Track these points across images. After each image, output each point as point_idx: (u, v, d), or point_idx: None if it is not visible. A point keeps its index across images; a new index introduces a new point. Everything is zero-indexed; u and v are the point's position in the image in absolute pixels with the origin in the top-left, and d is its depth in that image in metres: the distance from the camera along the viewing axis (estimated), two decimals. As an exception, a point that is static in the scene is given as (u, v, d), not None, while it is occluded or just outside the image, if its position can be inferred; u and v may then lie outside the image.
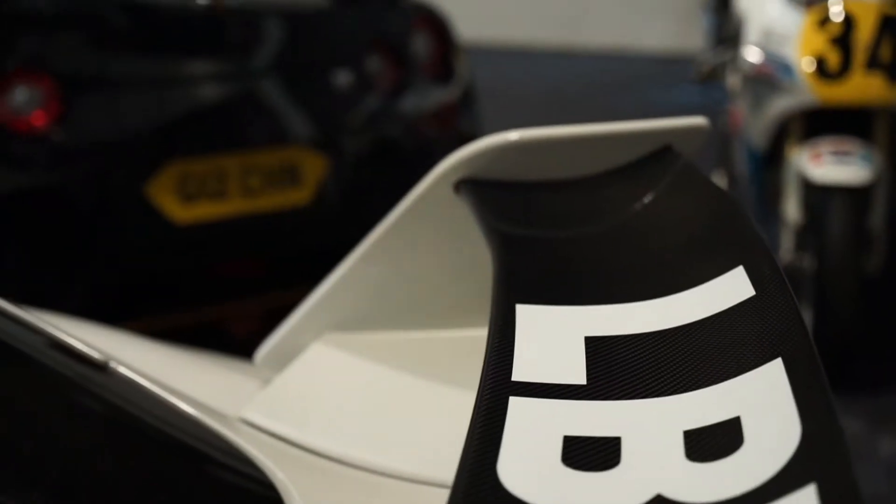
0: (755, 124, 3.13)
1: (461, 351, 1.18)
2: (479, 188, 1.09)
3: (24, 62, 2.72)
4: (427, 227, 1.16)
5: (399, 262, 1.17)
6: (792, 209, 3.01)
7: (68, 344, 1.03)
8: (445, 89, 3.46)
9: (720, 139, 4.32)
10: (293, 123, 3.08)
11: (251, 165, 3.01)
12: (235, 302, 3.07)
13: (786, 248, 3.04)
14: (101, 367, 1.04)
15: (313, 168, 3.11)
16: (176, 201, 2.90)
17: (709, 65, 3.65)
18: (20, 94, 2.71)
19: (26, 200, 2.77)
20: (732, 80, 4.18)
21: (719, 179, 4.28)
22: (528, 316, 0.82)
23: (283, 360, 1.24)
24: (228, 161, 2.97)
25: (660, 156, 1.08)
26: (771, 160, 3.19)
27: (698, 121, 1.08)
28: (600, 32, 7.69)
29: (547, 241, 1.03)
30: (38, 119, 2.73)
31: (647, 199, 1.05)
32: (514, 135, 1.08)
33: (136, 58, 2.94)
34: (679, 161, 1.07)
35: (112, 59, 2.89)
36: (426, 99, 3.39)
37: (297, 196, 3.09)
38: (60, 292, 2.82)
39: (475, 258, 1.12)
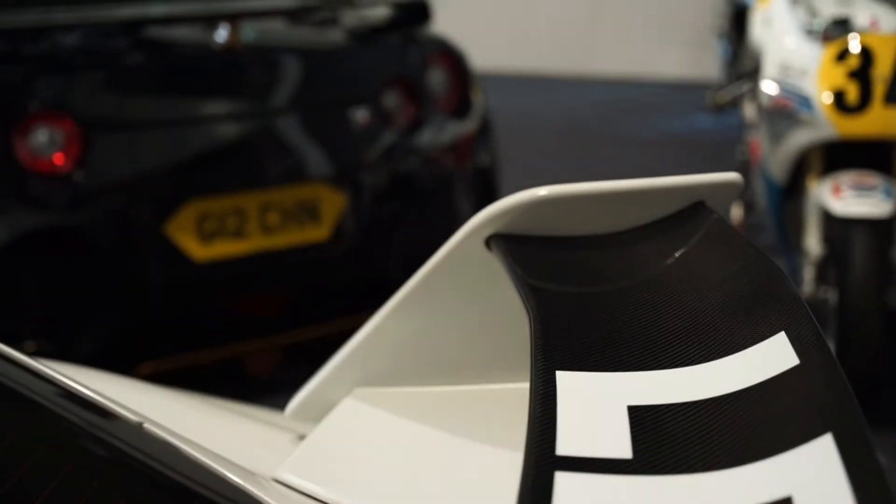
0: (774, 157, 3.12)
1: (495, 405, 1.17)
2: (510, 243, 1.09)
3: (45, 104, 2.73)
4: (458, 282, 1.15)
5: (430, 317, 1.17)
6: (813, 242, 3.00)
7: (104, 405, 1.03)
8: (462, 123, 3.46)
9: (737, 169, 4.31)
10: (311, 160, 3.09)
11: (270, 203, 3.01)
12: (255, 339, 3.06)
13: (807, 280, 3.03)
14: (135, 427, 1.04)
15: (331, 204, 3.11)
16: (195, 240, 2.90)
17: (727, 96, 3.65)
18: (42, 136, 2.73)
19: (48, 240, 2.78)
20: (749, 111, 4.18)
21: (737, 208, 4.27)
22: (569, 383, 0.81)
23: (314, 413, 1.23)
24: (247, 199, 2.98)
25: (692, 211, 1.08)
26: (790, 192, 3.19)
27: (731, 176, 1.07)
28: (614, 60, 7.70)
29: (581, 297, 1.02)
30: (59, 160, 2.75)
31: (679, 254, 1.04)
32: (544, 191, 1.08)
33: (155, 98, 2.96)
34: (711, 217, 1.07)
35: (131, 99, 2.90)
36: (443, 133, 3.40)
37: (316, 233, 3.09)
38: (82, 331, 2.83)
39: (507, 312, 1.11)
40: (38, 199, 2.73)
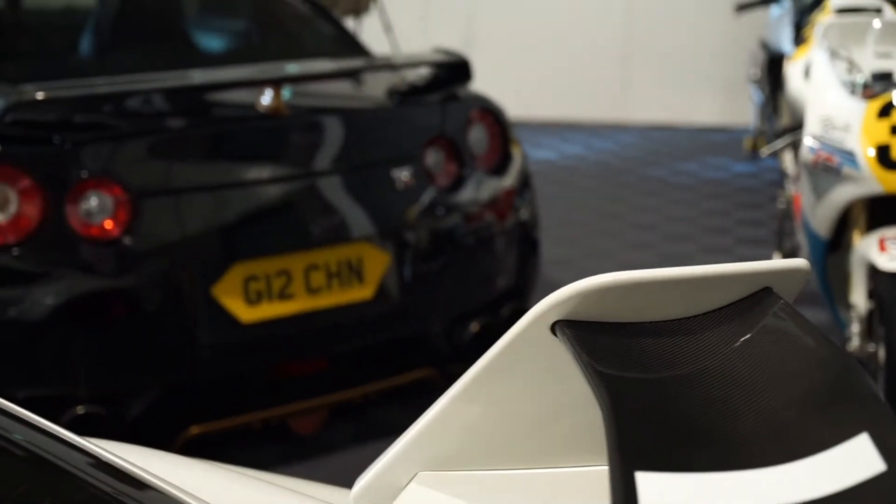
0: (817, 211, 3.12)
1: (563, 488, 1.17)
2: (576, 330, 1.10)
3: (94, 172, 2.78)
4: (524, 367, 1.16)
5: (497, 401, 1.17)
6: (858, 296, 2.98)
7: (176, 497, 1.04)
8: (502, 178, 3.48)
9: (777, 219, 4.31)
10: (355, 220, 3.11)
11: (314, 263, 3.04)
12: (300, 399, 3.08)
13: (853, 335, 3.01)
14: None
15: (375, 264, 3.13)
16: (241, 302, 2.93)
17: (767, 150, 3.65)
18: (92, 203, 2.77)
19: (98, 304, 2.81)
20: (789, 162, 4.17)
21: (776, 258, 4.26)
22: (649, 486, 0.82)
23: (379, 497, 1.24)
24: (292, 260, 3.00)
25: (759, 298, 1.08)
26: (834, 246, 3.18)
27: (799, 263, 1.08)
28: (647, 107, 7.71)
29: (650, 383, 1.03)
30: (109, 225, 2.79)
31: (747, 341, 1.05)
32: (609, 278, 1.09)
33: (201, 163, 3.00)
34: (779, 303, 1.07)
35: (178, 165, 2.95)
36: (484, 189, 3.42)
37: (360, 292, 3.11)
38: (131, 395, 2.85)
39: (574, 396, 1.12)
40: (88, 264, 2.77)
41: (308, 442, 3.16)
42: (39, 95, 2.73)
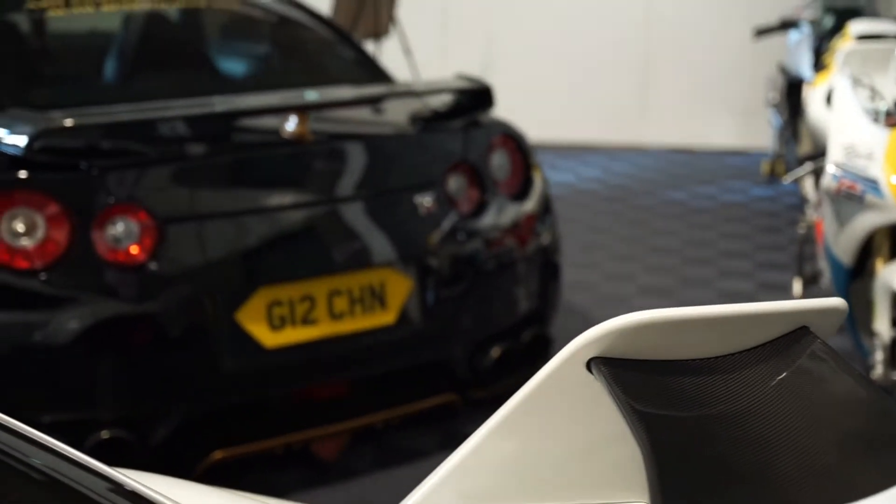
0: (840, 238, 3.12)
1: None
2: (612, 367, 1.10)
3: (121, 198, 2.80)
4: (559, 403, 1.16)
5: (531, 436, 1.18)
6: (882, 324, 2.98)
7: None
8: (524, 204, 3.50)
9: (797, 245, 4.30)
10: (378, 246, 3.13)
11: (338, 289, 3.05)
12: (322, 424, 3.08)
13: (878, 362, 3.00)
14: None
15: (398, 289, 3.14)
16: (265, 327, 2.94)
17: (789, 177, 3.65)
18: (118, 228, 2.79)
19: (123, 329, 2.83)
20: (809, 188, 4.17)
21: (797, 284, 4.26)
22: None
23: (413, 531, 1.24)
24: (316, 286, 3.01)
25: (796, 337, 1.08)
26: (857, 273, 3.17)
27: (835, 302, 1.08)
28: (665, 131, 7.72)
29: (688, 421, 1.03)
30: (135, 251, 2.81)
31: (784, 380, 1.05)
32: (645, 316, 1.10)
33: (226, 189, 3.02)
34: (816, 343, 1.07)
35: (202, 191, 2.97)
36: (505, 215, 3.43)
37: (383, 317, 3.12)
38: (156, 419, 2.86)
39: (609, 433, 1.12)
40: (114, 289, 2.79)
41: (330, 466, 3.16)
42: (67, 122, 2.75)
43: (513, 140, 3.52)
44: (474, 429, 3.51)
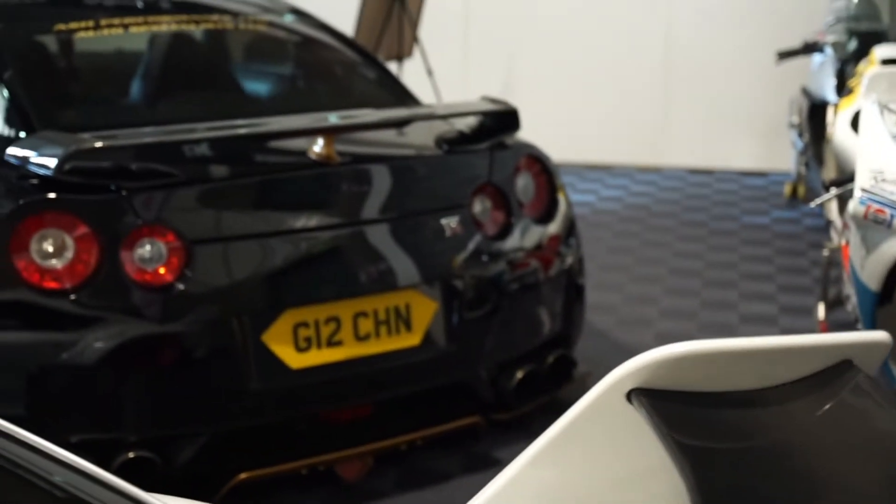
0: (867, 264, 3.10)
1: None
2: (653, 399, 1.10)
3: (149, 219, 2.82)
4: (599, 434, 1.16)
5: (570, 468, 1.18)
6: (910, 349, 2.96)
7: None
8: (549, 226, 3.50)
9: (822, 268, 4.29)
10: (403, 268, 3.13)
11: (363, 311, 3.06)
12: (347, 446, 3.08)
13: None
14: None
15: (423, 311, 3.15)
16: (291, 348, 2.95)
17: (814, 202, 3.65)
18: (146, 249, 2.81)
19: (150, 349, 2.84)
20: (834, 212, 4.16)
21: (820, 307, 4.24)
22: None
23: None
24: (341, 307, 3.02)
25: (839, 370, 1.08)
26: (884, 298, 3.16)
27: (879, 336, 1.08)
28: (685, 152, 7.71)
29: (731, 454, 1.03)
30: (163, 272, 2.82)
31: (828, 413, 1.05)
32: (686, 347, 1.10)
33: (252, 210, 3.04)
34: (859, 377, 1.07)
35: (230, 212, 2.98)
36: (530, 237, 3.43)
37: (408, 339, 3.12)
38: (181, 440, 2.87)
39: (649, 464, 1.12)
40: (142, 310, 2.81)
41: (353, 488, 3.16)
42: (97, 144, 2.78)
43: (538, 162, 3.53)
44: (498, 451, 3.51)
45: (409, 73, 6.69)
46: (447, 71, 7.51)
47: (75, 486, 1.11)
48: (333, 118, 3.27)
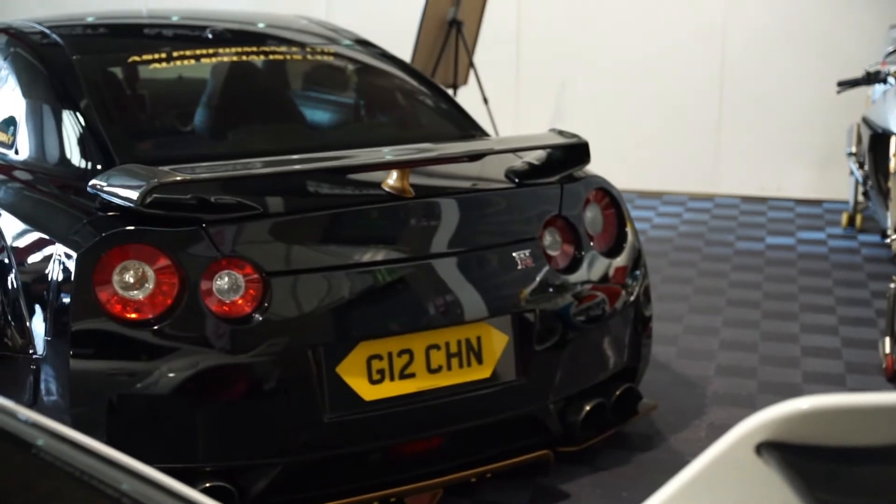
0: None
1: None
2: (787, 453, 1.09)
3: (227, 252, 2.84)
4: (725, 488, 1.16)
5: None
6: None
7: None
8: (617, 258, 3.50)
9: (889, 301, 4.25)
10: (474, 300, 3.14)
11: (435, 343, 3.07)
12: (417, 479, 3.08)
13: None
14: None
15: (494, 344, 3.15)
16: (365, 381, 2.96)
17: (886, 240, 3.61)
18: (224, 281, 2.83)
19: (227, 380, 2.87)
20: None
21: (887, 343, 4.20)
22: None
23: None
24: (414, 340, 3.03)
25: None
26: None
27: None
28: (738, 180, 7.67)
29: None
30: (240, 303, 2.85)
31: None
32: (822, 401, 1.09)
33: (328, 244, 3.06)
34: None
35: (306, 246, 3.00)
36: (599, 270, 3.43)
37: (479, 372, 3.13)
38: (256, 470, 2.89)
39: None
40: (220, 341, 2.83)
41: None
42: (178, 177, 2.81)
43: (608, 195, 3.53)
44: (564, 484, 3.50)
45: (462, 100, 6.71)
46: (498, 98, 7.54)
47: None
48: (407, 151, 3.28)
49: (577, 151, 3.43)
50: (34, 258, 2.94)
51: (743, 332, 4.85)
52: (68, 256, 2.80)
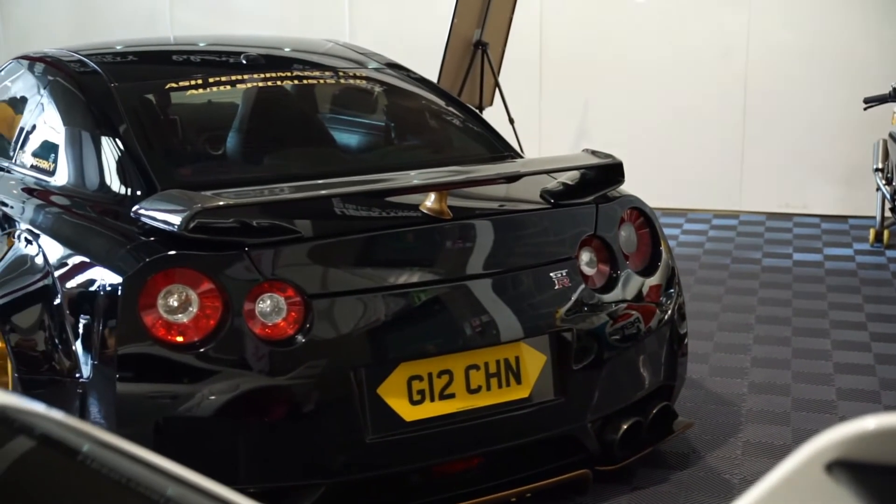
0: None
1: None
2: (861, 473, 1.10)
3: (269, 275, 2.87)
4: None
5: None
6: None
7: None
8: (652, 277, 3.51)
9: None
10: (512, 321, 3.16)
11: (475, 364, 3.09)
12: (458, 499, 3.10)
13: None
14: None
15: (532, 364, 3.17)
16: (405, 401, 2.98)
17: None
18: (267, 304, 2.86)
19: (270, 402, 2.89)
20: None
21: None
22: None
23: None
24: (453, 360, 3.06)
25: None
26: None
27: None
28: (762, 197, 7.68)
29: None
30: (283, 326, 2.88)
31: None
32: (891, 420, 1.10)
33: (368, 266, 3.08)
34: None
35: (347, 268, 3.03)
36: (635, 289, 3.45)
37: (517, 392, 3.15)
38: (298, 492, 2.91)
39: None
40: (263, 363, 2.86)
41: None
42: (220, 202, 2.84)
43: (643, 214, 3.55)
44: (604, 502, 3.45)
45: (488, 120, 6.74)
46: (522, 117, 7.57)
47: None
48: (444, 174, 3.31)
49: (611, 171, 3.46)
50: (78, 282, 2.98)
51: (774, 349, 4.85)
52: (113, 281, 2.83)
